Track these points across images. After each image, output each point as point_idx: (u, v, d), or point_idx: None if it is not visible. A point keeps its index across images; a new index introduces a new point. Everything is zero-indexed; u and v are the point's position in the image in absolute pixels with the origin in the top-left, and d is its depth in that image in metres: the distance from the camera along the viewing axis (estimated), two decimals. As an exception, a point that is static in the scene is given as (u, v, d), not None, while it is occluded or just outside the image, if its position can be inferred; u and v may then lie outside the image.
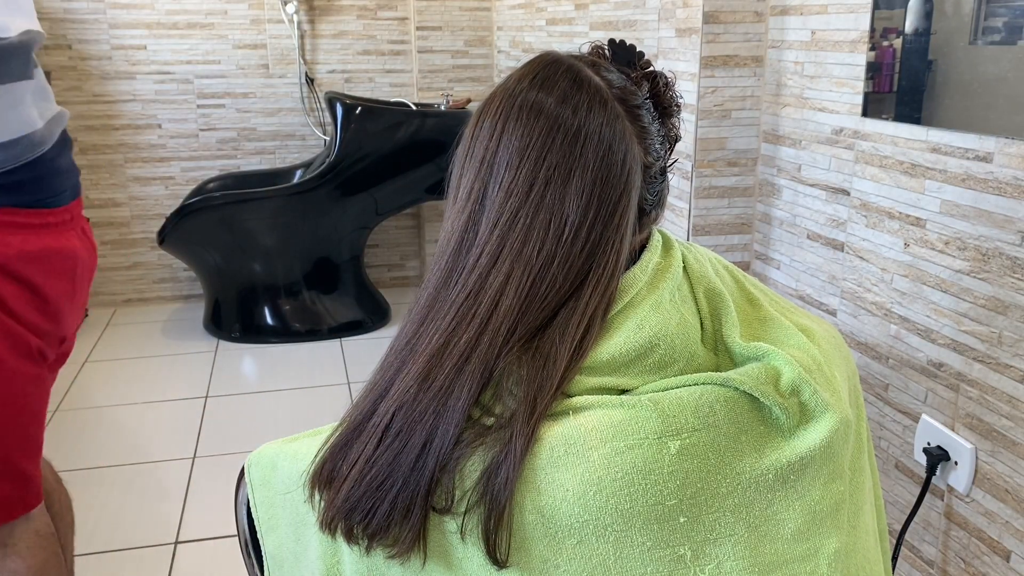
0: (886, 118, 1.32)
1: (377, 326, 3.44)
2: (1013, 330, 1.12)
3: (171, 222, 3.12)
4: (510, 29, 3.35)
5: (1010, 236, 1.11)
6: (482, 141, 0.70)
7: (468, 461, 0.63)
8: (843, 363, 0.78)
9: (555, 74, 0.70)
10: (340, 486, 0.65)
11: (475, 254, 0.68)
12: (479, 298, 0.66)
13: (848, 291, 1.46)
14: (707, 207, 1.71)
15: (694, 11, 1.64)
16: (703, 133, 1.67)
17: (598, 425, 0.64)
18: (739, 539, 0.65)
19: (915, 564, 1.33)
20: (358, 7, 3.60)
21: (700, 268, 0.76)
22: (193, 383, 2.96)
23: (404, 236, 3.88)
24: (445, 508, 0.63)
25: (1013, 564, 1.14)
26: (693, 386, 0.68)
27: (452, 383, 0.64)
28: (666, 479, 0.63)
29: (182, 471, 2.39)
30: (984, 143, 1.14)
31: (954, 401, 1.23)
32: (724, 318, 0.73)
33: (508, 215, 0.68)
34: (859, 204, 1.41)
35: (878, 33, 1.32)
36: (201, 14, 3.46)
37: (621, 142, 0.69)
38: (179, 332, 3.43)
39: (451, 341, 0.66)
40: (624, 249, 0.70)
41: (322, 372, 3.05)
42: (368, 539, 0.64)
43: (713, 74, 1.64)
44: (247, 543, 0.81)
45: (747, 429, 0.67)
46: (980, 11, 1.12)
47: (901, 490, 1.36)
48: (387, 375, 0.68)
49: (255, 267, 3.27)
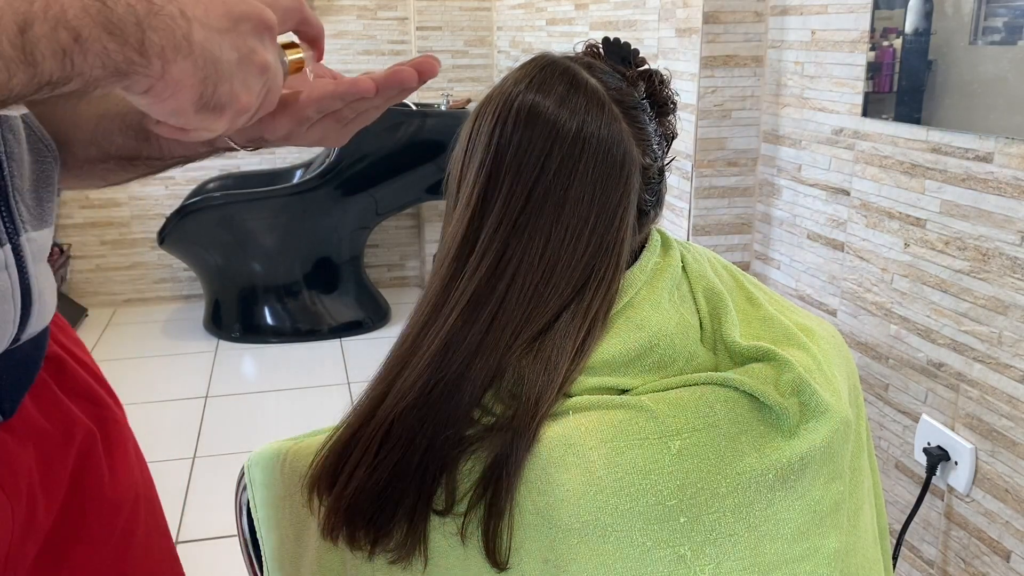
0: (886, 118, 1.32)
1: (377, 326, 3.44)
2: (1013, 330, 1.12)
3: (171, 222, 3.12)
4: (510, 29, 3.35)
5: (1010, 236, 1.11)
6: (480, 145, 0.70)
7: (468, 462, 0.63)
8: (843, 363, 0.78)
9: (552, 77, 0.70)
10: (341, 491, 0.65)
11: (476, 260, 0.68)
12: (482, 303, 0.66)
13: (848, 291, 1.46)
14: (707, 207, 1.71)
15: (694, 11, 1.64)
16: (703, 133, 1.67)
17: (598, 425, 0.64)
18: (739, 539, 0.65)
19: (915, 564, 1.33)
20: (358, 7, 3.59)
21: (699, 268, 0.76)
22: (193, 383, 2.96)
23: (404, 236, 3.88)
24: (445, 509, 0.63)
25: (1013, 564, 1.14)
26: (693, 386, 0.68)
27: (454, 385, 0.64)
28: (666, 479, 0.63)
29: (182, 471, 2.39)
30: (984, 143, 1.14)
31: (954, 401, 1.23)
32: (723, 318, 0.73)
33: (508, 221, 0.68)
34: (859, 204, 1.41)
35: (878, 33, 1.32)
36: (201, 14, 3.46)
37: (619, 144, 0.69)
38: (179, 332, 3.43)
39: (453, 345, 0.66)
40: (624, 250, 0.70)
41: (322, 372, 3.05)
42: (370, 544, 0.64)
43: (713, 74, 1.64)
44: (247, 543, 0.81)
45: (747, 429, 0.67)
46: (980, 11, 1.12)
47: (901, 490, 1.36)
48: (388, 378, 0.68)
49: (255, 267, 3.27)
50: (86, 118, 0.75)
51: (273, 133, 0.62)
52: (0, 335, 0.62)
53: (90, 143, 0.75)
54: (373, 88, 0.57)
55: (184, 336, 3.38)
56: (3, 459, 0.68)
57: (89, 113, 0.74)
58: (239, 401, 2.83)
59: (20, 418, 0.71)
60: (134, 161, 0.75)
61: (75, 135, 0.75)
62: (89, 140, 0.75)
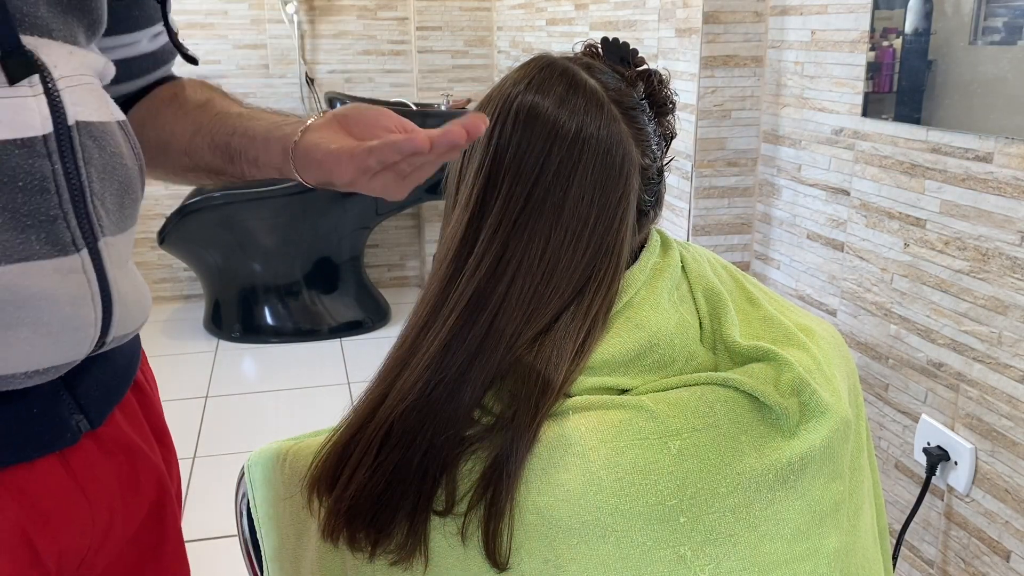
0: (886, 118, 1.32)
1: (377, 326, 3.44)
2: (1013, 330, 1.12)
3: (171, 222, 3.12)
4: (510, 29, 3.35)
5: (1010, 236, 1.11)
6: (480, 146, 0.70)
7: (469, 462, 0.63)
8: (843, 363, 0.78)
9: (551, 77, 0.70)
10: (342, 493, 0.65)
11: (476, 261, 0.68)
12: (481, 303, 0.66)
13: (848, 291, 1.46)
14: (707, 207, 1.71)
15: (694, 11, 1.64)
16: (703, 133, 1.67)
17: (598, 425, 0.64)
18: (739, 539, 0.65)
19: (915, 564, 1.33)
20: (358, 7, 3.60)
21: (698, 268, 0.76)
22: (193, 383, 2.96)
23: (404, 236, 3.88)
24: (446, 510, 0.63)
25: (1013, 564, 1.14)
26: (693, 386, 0.68)
27: (454, 386, 0.64)
28: (666, 479, 0.63)
29: (182, 471, 2.39)
30: (984, 143, 1.14)
31: (954, 401, 1.23)
32: (723, 318, 0.73)
33: (508, 222, 0.68)
34: (859, 204, 1.41)
35: (878, 33, 1.32)
36: (201, 14, 3.46)
37: (619, 145, 0.69)
38: (179, 332, 3.43)
39: (453, 346, 0.66)
40: (624, 251, 0.70)
41: (322, 372, 3.05)
42: (371, 546, 0.64)
43: (713, 74, 1.64)
44: (247, 543, 0.81)
45: (747, 429, 0.67)
46: (980, 11, 1.12)
47: (901, 490, 1.36)
48: (388, 379, 0.68)
49: (255, 267, 3.27)
50: (181, 132, 0.83)
51: (340, 179, 0.69)
52: (82, 338, 0.65)
53: (183, 153, 0.83)
54: (428, 144, 0.61)
55: (184, 336, 3.38)
56: (89, 467, 0.71)
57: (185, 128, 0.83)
58: (239, 401, 2.83)
59: (108, 429, 0.74)
60: (220, 175, 0.84)
61: (173, 144, 0.84)
62: (183, 150, 0.83)
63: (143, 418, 0.81)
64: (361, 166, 0.66)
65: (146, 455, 0.79)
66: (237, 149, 0.80)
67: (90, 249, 0.65)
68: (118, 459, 0.75)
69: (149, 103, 0.87)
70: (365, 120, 0.71)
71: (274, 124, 0.78)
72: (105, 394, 0.73)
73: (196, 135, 0.82)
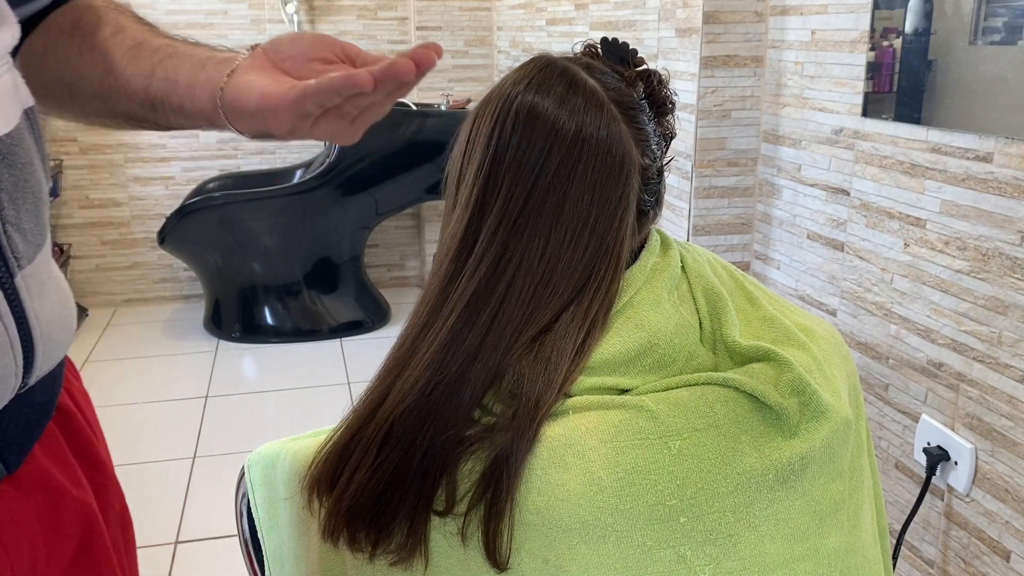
0: (886, 118, 1.32)
1: (377, 326, 3.44)
2: (1013, 330, 1.12)
3: (171, 222, 3.12)
4: (510, 29, 3.35)
5: (1010, 236, 1.11)
6: (479, 146, 0.70)
7: (469, 462, 0.63)
8: (843, 363, 0.78)
9: (550, 77, 0.70)
10: (342, 493, 0.65)
11: (475, 261, 0.68)
12: (481, 304, 0.66)
13: (848, 291, 1.46)
14: (707, 207, 1.71)
15: (694, 11, 1.64)
16: (703, 133, 1.67)
17: (598, 425, 0.64)
18: (739, 539, 0.65)
19: (915, 564, 1.33)
20: (358, 7, 3.60)
21: (698, 268, 0.76)
22: (193, 383, 2.96)
23: (404, 236, 3.88)
24: (446, 510, 0.63)
25: (1013, 564, 1.14)
26: (693, 386, 0.68)
27: (454, 386, 0.64)
28: (667, 479, 0.63)
29: (182, 471, 2.39)
30: (984, 143, 1.14)
31: (954, 401, 1.23)
32: (723, 318, 0.73)
33: (508, 222, 0.68)
34: (859, 204, 1.41)
35: (878, 33, 1.32)
36: (201, 14, 3.46)
37: (618, 145, 0.69)
38: (179, 332, 3.43)
39: (453, 346, 0.66)
40: (624, 251, 0.70)
41: (322, 372, 3.05)
42: (371, 546, 0.64)
43: (713, 74, 1.64)
44: (247, 543, 0.81)
45: (747, 429, 0.67)
46: (980, 11, 1.12)
47: (901, 490, 1.36)
48: (387, 379, 0.68)
49: (255, 267, 3.27)
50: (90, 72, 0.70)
51: (277, 128, 0.61)
52: (2, 388, 0.56)
53: (95, 97, 0.70)
54: (371, 82, 0.55)
55: (184, 336, 3.38)
56: (5, 511, 0.62)
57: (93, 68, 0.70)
58: (239, 401, 2.83)
59: (28, 469, 0.64)
60: (143, 124, 0.72)
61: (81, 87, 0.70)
62: (95, 94, 0.70)
63: (66, 447, 0.70)
64: (298, 112, 0.58)
65: (69, 493, 0.68)
66: (158, 95, 0.67)
67: (6, 292, 0.54)
68: (37, 499, 0.65)
69: (47, 34, 0.71)
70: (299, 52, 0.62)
71: (199, 63, 0.66)
72: (26, 434, 0.63)
73: (107, 75, 0.68)
